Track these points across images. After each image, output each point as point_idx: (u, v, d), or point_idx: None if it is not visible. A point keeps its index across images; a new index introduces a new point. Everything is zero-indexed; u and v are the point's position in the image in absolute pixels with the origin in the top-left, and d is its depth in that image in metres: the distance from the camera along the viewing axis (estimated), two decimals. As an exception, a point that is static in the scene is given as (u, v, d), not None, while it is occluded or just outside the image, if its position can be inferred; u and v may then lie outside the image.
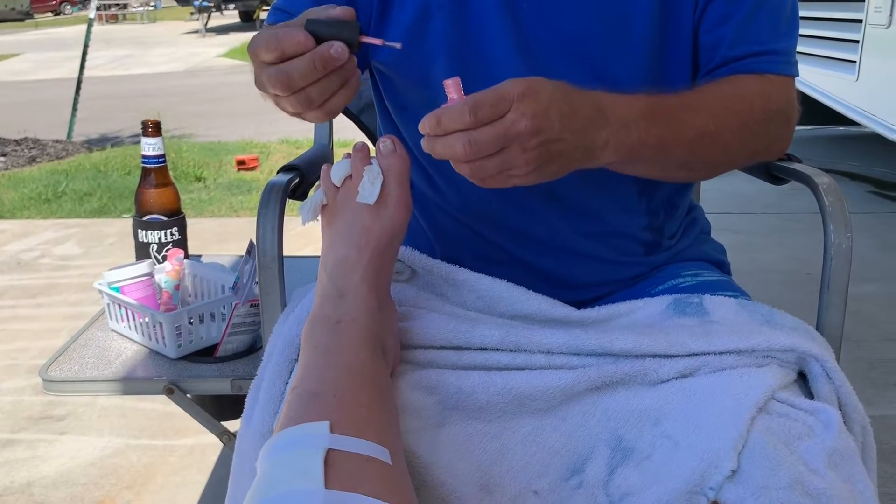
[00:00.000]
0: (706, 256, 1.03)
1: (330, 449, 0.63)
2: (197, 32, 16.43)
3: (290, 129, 5.69)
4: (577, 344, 0.81)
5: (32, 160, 5.07)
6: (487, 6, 0.88)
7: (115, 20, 22.67)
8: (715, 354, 0.80)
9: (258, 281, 1.01)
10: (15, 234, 3.58)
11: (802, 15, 3.53)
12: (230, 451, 0.90)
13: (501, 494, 0.75)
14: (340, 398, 0.68)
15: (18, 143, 5.39)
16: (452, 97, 0.72)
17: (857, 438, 0.80)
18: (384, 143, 0.81)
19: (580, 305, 0.93)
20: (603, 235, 0.95)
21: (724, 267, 1.05)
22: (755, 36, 0.89)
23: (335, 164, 0.84)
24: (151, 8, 23.50)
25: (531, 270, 0.96)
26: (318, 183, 0.86)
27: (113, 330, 1.37)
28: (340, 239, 0.80)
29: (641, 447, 0.77)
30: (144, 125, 1.40)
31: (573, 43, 0.88)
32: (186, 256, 1.44)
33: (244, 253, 1.30)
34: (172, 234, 1.43)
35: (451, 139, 0.69)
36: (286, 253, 1.02)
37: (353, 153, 0.83)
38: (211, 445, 1.88)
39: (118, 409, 2.08)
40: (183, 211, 1.47)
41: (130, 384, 1.22)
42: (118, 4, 23.60)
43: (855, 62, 3.37)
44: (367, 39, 0.75)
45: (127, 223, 1.64)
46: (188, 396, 1.24)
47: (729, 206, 3.60)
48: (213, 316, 1.30)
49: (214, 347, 1.26)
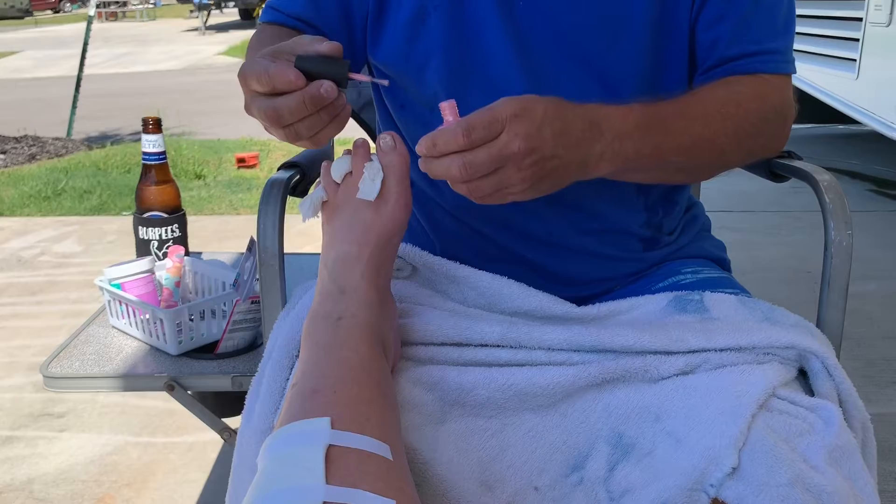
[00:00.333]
0: (706, 254, 1.03)
1: (331, 445, 0.63)
2: (197, 30, 16.41)
3: (290, 126, 5.69)
4: (577, 340, 0.81)
5: (32, 158, 5.06)
6: (484, 6, 0.88)
7: (114, 18, 22.64)
8: (715, 351, 0.80)
9: (259, 278, 1.01)
10: (15, 231, 3.58)
11: (803, 13, 3.57)
12: (231, 447, 0.90)
13: (502, 491, 0.75)
14: (341, 394, 0.68)
15: (18, 140, 5.38)
16: (448, 119, 0.74)
17: (857, 435, 0.80)
18: (384, 139, 0.81)
19: (580, 302, 0.93)
20: (601, 232, 0.95)
21: (724, 264, 1.05)
22: (752, 35, 0.89)
23: (335, 160, 0.84)
24: (151, 5, 23.47)
25: (531, 267, 0.96)
26: (318, 180, 0.86)
27: (113, 326, 1.38)
28: (341, 236, 0.80)
29: (642, 444, 0.77)
30: (145, 122, 1.40)
31: (570, 42, 0.88)
32: (187, 253, 1.44)
33: (245, 250, 1.30)
34: (173, 230, 1.44)
35: (446, 161, 0.71)
36: (287, 250, 1.02)
37: (353, 150, 0.83)
38: (211, 442, 1.88)
39: (118, 405, 2.08)
40: (183, 208, 1.47)
41: (131, 381, 1.22)
42: (118, 2, 23.58)
43: (855, 60, 3.37)
44: (356, 77, 0.77)
45: (127, 220, 1.64)
46: (189, 393, 1.25)
47: (729, 204, 3.60)
48: (213, 313, 1.30)
49: (215, 344, 1.26)
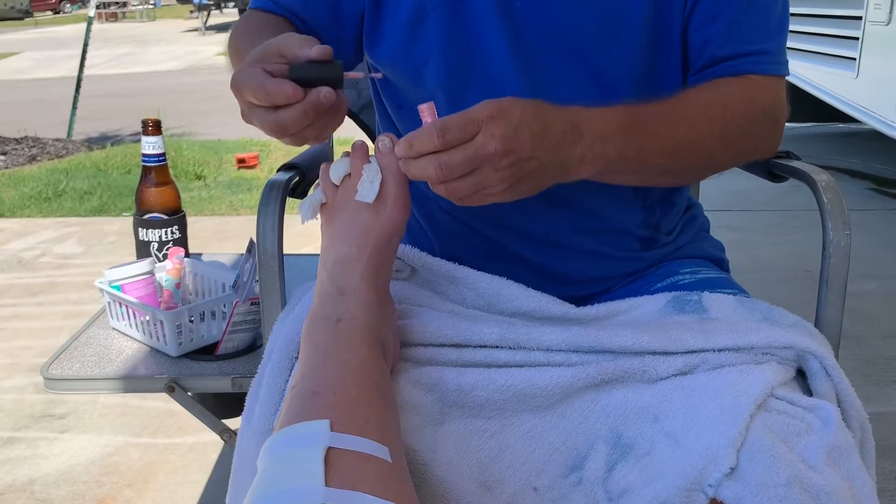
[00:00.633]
0: (705, 254, 1.03)
1: (330, 447, 0.63)
2: (196, 30, 16.41)
3: (290, 127, 5.69)
4: (576, 341, 0.81)
5: (32, 159, 5.07)
6: (483, 6, 0.88)
7: (114, 18, 22.64)
8: (714, 351, 0.80)
9: (258, 279, 1.01)
10: (15, 232, 3.58)
11: (803, 12, 3.57)
12: (231, 448, 0.91)
13: (501, 491, 0.75)
14: (340, 396, 0.68)
15: (18, 141, 5.39)
16: (427, 121, 0.74)
17: (855, 435, 0.80)
18: (382, 141, 0.81)
19: (579, 301, 0.93)
20: (600, 232, 0.96)
21: (722, 264, 1.05)
22: (743, 35, 0.88)
23: (334, 162, 0.84)
24: (151, 6, 23.46)
25: (530, 267, 0.96)
26: (317, 181, 0.86)
27: (114, 328, 1.38)
28: (340, 237, 0.80)
29: (640, 444, 0.77)
30: (144, 124, 1.40)
31: (569, 42, 0.88)
32: (187, 255, 1.44)
33: (244, 251, 1.30)
34: (173, 232, 1.44)
35: (423, 162, 0.72)
36: (286, 251, 1.02)
37: (351, 152, 0.83)
38: (212, 443, 1.88)
39: (119, 407, 2.08)
40: (183, 209, 1.47)
41: (131, 382, 1.22)
42: (118, 3, 23.56)
43: (855, 59, 3.36)
44: (350, 75, 0.77)
45: (127, 221, 1.65)
46: (189, 394, 1.25)
47: (728, 203, 3.60)
48: (213, 314, 1.30)
49: (215, 345, 1.26)
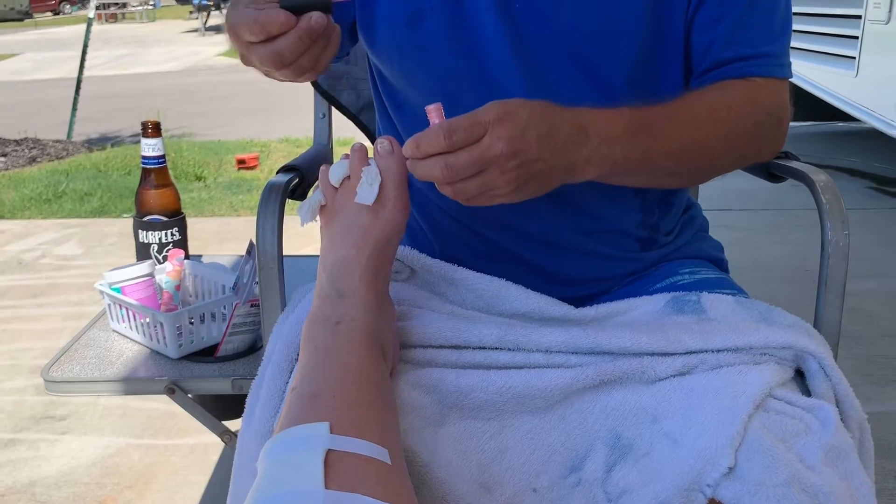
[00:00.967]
0: (704, 254, 1.03)
1: (330, 449, 0.63)
2: (196, 31, 16.42)
3: (289, 127, 5.70)
4: (575, 342, 0.81)
5: (33, 160, 5.07)
6: (482, 6, 0.88)
7: (114, 19, 22.65)
8: (712, 352, 0.81)
9: (258, 281, 1.01)
10: (16, 234, 3.58)
11: (802, 11, 3.57)
12: (231, 450, 0.91)
13: (500, 492, 0.76)
14: (340, 398, 0.68)
15: (18, 143, 5.39)
16: (434, 122, 0.74)
17: (854, 435, 0.80)
18: (382, 143, 0.81)
19: (578, 301, 0.93)
20: (599, 232, 0.96)
21: (721, 265, 1.05)
22: (746, 38, 0.88)
23: (333, 164, 0.84)
24: (150, 7, 23.46)
25: (529, 267, 0.96)
26: (316, 183, 0.86)
27: (114, 330, 1.38)
28: (339, 239, 0.80)
29: (639, 445, 0.77)
30: (144, 126, 1.40)
31: (568, 43, 0.88)
32: (187, 256, 1.44)
33: (244, 253, 1.30)
34: (173, 234, 1.44)
35: (429, 163, 0.72)
36: (286, 253, 1.02)
37: (351, 154, 0.83)
38: (212, 445, 1.88)
39: (120, 408, 2.09)
40: (183, 211, 1.47)
41: (132, 384, 1.23)
42: (117, 3, 23.57)
43: (854, 58, 3.36)
44: None
45: (127, 223, 1.65)
46: (189, 396, 1.25)
47: (727, 202, 3.60)
48: (213, 316, 1.30)
49: (215, 347, 1.27)
